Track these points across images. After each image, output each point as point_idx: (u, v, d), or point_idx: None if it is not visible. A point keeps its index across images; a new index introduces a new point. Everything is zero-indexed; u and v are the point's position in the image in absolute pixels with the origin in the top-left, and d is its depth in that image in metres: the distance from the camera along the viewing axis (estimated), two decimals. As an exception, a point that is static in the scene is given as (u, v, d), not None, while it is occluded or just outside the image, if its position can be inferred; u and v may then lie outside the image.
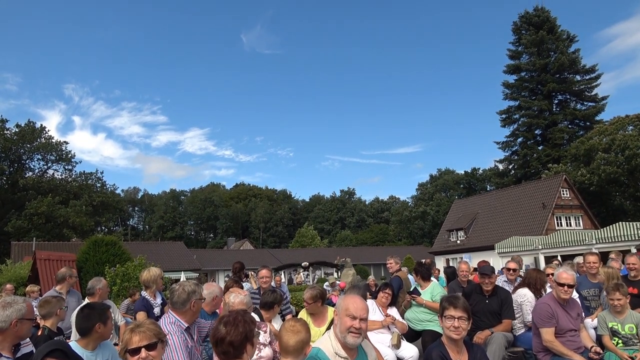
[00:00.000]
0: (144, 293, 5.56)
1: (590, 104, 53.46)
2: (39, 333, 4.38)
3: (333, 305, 5.52)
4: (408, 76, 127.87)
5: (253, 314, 4.00)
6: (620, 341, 4.86)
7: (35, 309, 8.46)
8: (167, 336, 2.83)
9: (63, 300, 4.62)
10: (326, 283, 14.94)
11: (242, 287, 5.22)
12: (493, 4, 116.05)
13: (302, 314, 5.27)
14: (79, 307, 4.22)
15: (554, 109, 54.33)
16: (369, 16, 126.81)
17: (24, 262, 20.91)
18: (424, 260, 7.91)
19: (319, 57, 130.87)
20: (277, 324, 4.91)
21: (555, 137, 51.48)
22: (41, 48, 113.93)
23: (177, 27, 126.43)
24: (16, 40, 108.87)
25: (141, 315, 5.07)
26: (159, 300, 5.51)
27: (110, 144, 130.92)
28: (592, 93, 53.18)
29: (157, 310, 5.32)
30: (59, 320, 4.56)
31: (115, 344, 5.13)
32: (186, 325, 3.51)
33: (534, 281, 6.01)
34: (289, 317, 6.15)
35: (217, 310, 4.90)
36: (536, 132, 55.01)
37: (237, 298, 3.91)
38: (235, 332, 2.47)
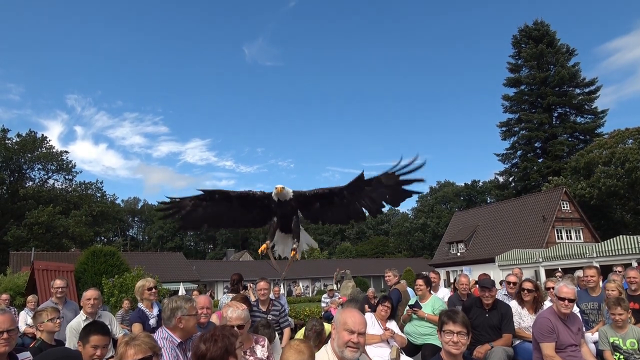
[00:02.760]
0: (140, 304, 5.53)
1: (590, 117, 53.71)
2: (31, 345, 4.33)
3: (332, 318, 5.47)
4: (408, 88, 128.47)
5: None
6: (621, 356, 4.81)
7: (31, 319, 8.41)
8: None
9: (53, 312, 4.56)
10: (324, 295, 14.82)
11: (248, 303, 5.12)
12: (493, 17, 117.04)
13: (300, 334, 5.21)
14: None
15: (553, 122, 54.52)
16: (371, 28, 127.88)
17: (22, 272, 20.82)
18: (425, 273, 7.86)
19: (320, 69, 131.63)
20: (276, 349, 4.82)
21: (555, 149, 51.63)
22: (44, 59, 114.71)
23: (179, 39, 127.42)
24: (20, 51, 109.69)
25: (136, 327, 5.03)
26: (155, 312, 5.46)
27: (111, 154, 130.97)
28: (592, 106, 53.43)
29: (152, 322, 5.27)
30: (53, 332, 4.50)
31: (112, 357, 5.08)
32: (178, 341, 3.47)
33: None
34: (287, 330, 6.10)
35: (214, 321, 4.86)
36: (536, 144, 55.20)
37: (234, 313, 3.85)
38: (215, 347, 2.50)
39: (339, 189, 4.72)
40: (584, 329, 5.18)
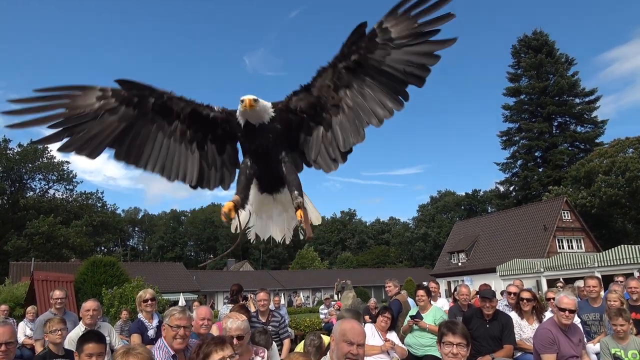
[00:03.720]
0: (140, 315, 5.52)
1: (590, 126, 53.88)
2: (36, 354, 4.33)
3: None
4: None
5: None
6: (623, 368, 4.77)
7: (29, 330, 8.36)
8: None
9: (58, 323, 4.54)
10: (322, 306, 14.75)
11: (246, 312, 5.11)
12: (492, 27, 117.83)
13: (300, 348, 5.19)
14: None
15: (553, 131, 54.67)
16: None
17: (21, 283, 20.78)
18: (425, 283, 7.82)
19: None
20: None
21: (556, 159, 51.72)
22: (47, 69, 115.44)
23: (180, 49, 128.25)
24: (22, 62, 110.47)
25: (135, 338, 5.02)
26: (154, 323, 5.45)
27: (112, 164, 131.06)
28: (592, 116, 53.65)
29: (151, 333, 5.25)
30: (56, 343, 4.48)
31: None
32: (172, 353, 3.45)
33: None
34: (287, 342, 6.07)
35: (213, 332, 4.84)
36: (536, 154, 55.32)
37: (234, 324, 3.84)
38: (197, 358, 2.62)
39: (340, 57, 2.80)
40: (585, 340, 5.15)
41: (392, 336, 6.04)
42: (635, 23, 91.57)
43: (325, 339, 5.12)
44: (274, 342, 5.09)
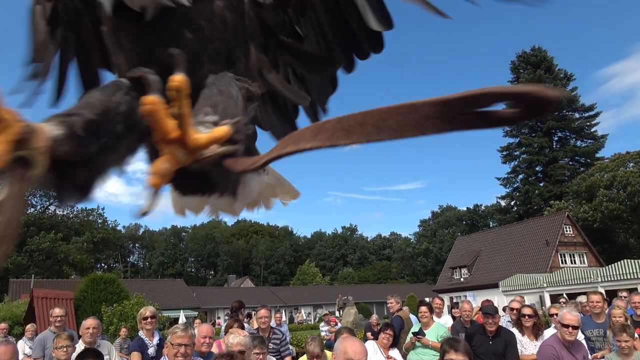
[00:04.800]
0: (140, 333, 5.49)
1: (590, 141, 54.10)
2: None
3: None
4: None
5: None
6: (628, 385, 4.72)
7: (29, 348, 8.30)
8: None
9: (65, 340, 4.53)
10: (322, 324, 14.64)
11: (240, 324, 5.12)
12: (491, 43, 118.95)
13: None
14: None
15: (554, 146, 54.85)
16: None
17: (21, 300, 20.67)
18: (427, 299, 7.76)
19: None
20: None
21: (557, 173, 51.83)
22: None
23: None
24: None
25: (135, 357, 4.99)
26: (155, 341, 5.41)
27: (114, 180, 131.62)
28: (592, 130, 53.91)
29: (151, 351, 5.21)
30: (63, 357, 4.45)
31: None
32: None
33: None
34: None
35: (213, 350, 4.81)
36: (537, 168, 55.45)
37: (235, 339, 3.84)
38: None
39: None
40: (589, 356, 5.11)
41: (395, 353, 5.99)
42: (634, 39, 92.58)
43: (327, 354, 5.09)
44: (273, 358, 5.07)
